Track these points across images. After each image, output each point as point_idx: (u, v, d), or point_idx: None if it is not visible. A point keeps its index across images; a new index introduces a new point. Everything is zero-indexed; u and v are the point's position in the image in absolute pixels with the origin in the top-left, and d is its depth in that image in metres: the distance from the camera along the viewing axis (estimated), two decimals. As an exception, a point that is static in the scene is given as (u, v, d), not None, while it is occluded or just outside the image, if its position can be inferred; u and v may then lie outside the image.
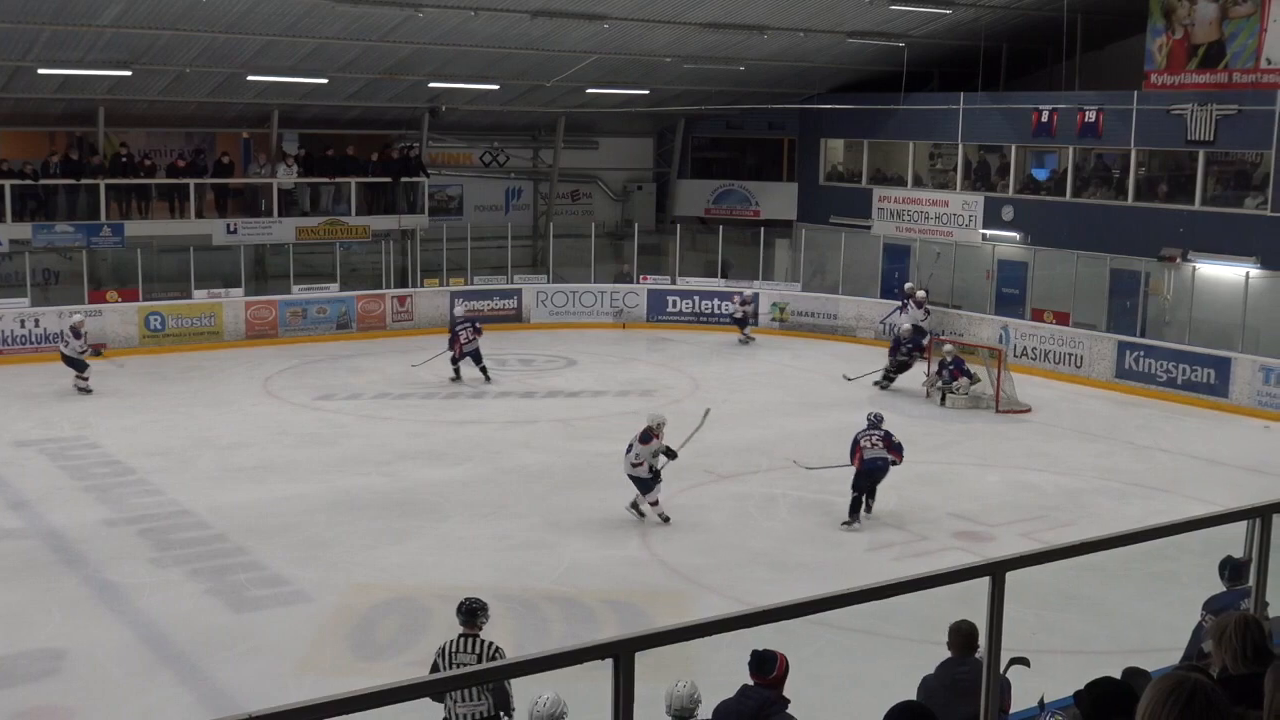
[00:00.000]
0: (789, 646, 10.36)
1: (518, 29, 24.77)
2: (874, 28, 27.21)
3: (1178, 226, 24.70)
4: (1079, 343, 24.81)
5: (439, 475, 17.45)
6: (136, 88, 25.56)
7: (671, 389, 23.41)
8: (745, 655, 9.03)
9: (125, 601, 12.74)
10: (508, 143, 33.05)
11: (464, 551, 14.38)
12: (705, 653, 9.53)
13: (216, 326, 26.84)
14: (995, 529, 15.32)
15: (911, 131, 30.19)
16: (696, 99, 31.74)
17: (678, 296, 30.23)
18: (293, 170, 28.44)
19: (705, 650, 10.05)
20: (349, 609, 12.64)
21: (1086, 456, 19.22)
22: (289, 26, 23.49)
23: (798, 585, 12.56)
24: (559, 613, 12.63)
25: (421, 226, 29.85)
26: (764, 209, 33.36)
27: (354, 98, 28.48)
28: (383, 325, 28.56)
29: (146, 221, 26.84)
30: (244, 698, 10.44)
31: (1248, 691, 3.12)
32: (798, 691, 7.38)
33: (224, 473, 17.36)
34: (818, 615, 3.78)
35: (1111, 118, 25.86)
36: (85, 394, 21.84)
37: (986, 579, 4.17)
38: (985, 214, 28.43)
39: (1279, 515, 5.13)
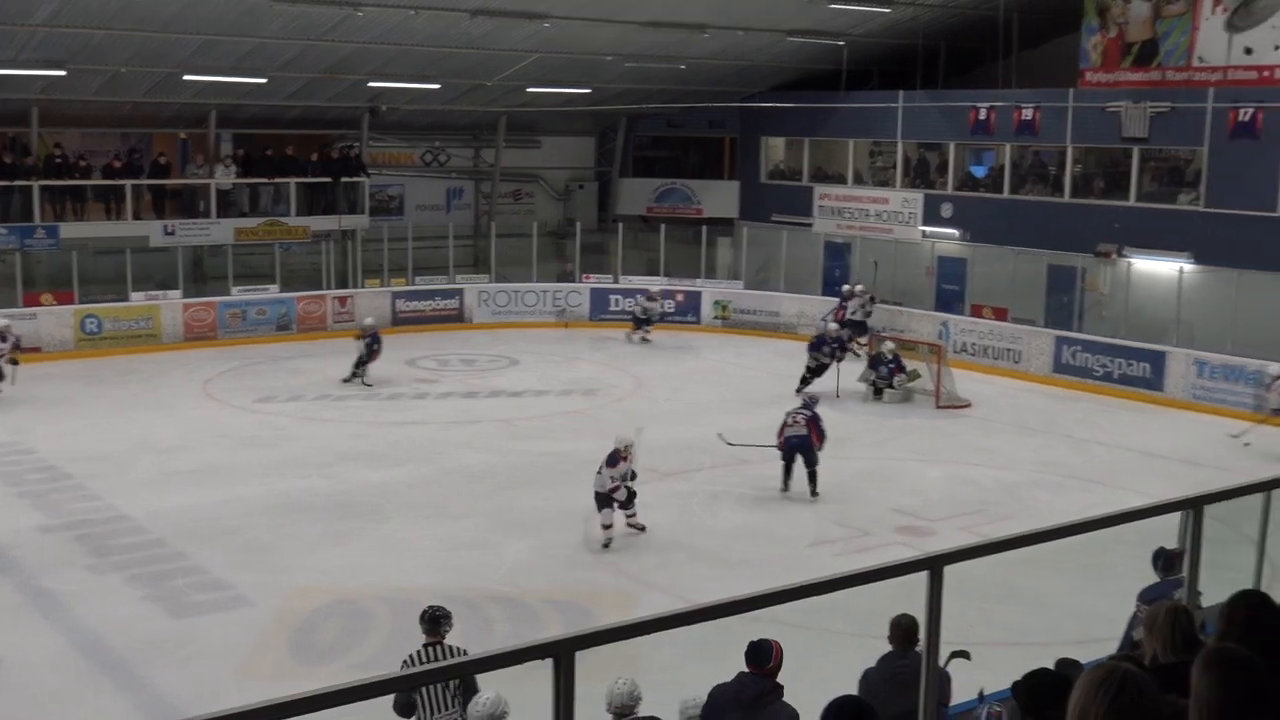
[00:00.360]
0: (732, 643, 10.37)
1: (458, 28, 24.68)
2: (814, 26, 27.36)
3: (1113, 223, 25.03)
4: (1017, 338, 25.08)
5: (381, 477, 17.35)
6: (71, 88, 25.20)
7: (614, 388, 23.42)
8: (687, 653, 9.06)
9: (62, 609, 12.57)
10: (449, 142, 32.91)
11: (406, 553, 14.31)
12: (647, 651, 9.55)
13: (154, 329, 26.54)
14: (936, 523, 15.46)
15: (851, 130, 30.37)
16: (638, 98, 31.77)
17: (620, 295, 30.23)
18: (231, 171, 28.16)
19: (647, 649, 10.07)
20: (290, 613, 12.54)
21: (1025, 450, 19.43)
22: (227, 26, 23.26)
23: (740, 582, 12.58)
24: (502, 613, 12.60)
25: (362, 227, 29.67)
26: (706, 207, 33.44)
27: (293, 97, 28.25)
28: (324, 326, 28.35)
29: (82, 223, 26.49)
30: (184, 704, 10.32)
31: (1177, 680, 3.17)
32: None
33: (163, 477, 17.17)
34: (760, 611, 3.79)
35: (1048, 115, 26.15)
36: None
37: (925, 573, 4.21)
38: (925, 211, 28.66)
39: (1211, 507, 5.22)
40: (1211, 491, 5.33)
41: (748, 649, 7.16)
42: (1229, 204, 23.21)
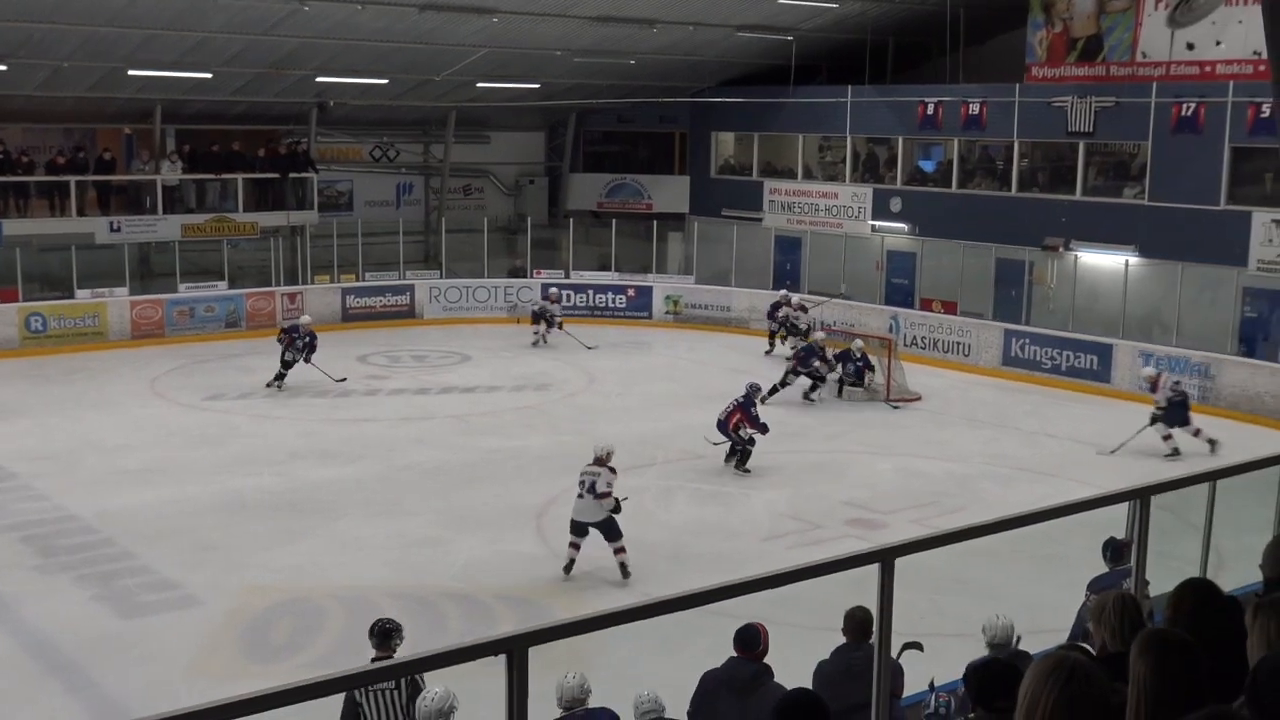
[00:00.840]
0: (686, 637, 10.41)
1: (406, 22, 24.54)
2: (763, 21, 27.42)
3: (1060, 216, 25.27)
4: (967, 331, 25.28)
5: (332, 474, 17.26)
6: (12, 82, 24.85)
7: (567, 383, 23.41)
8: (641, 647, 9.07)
9: (9, 610, 12.42)
10: (398, 137, 32.73)
11: (359, 550, 14.25)
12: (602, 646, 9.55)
13: (101, 327, 26.25)
14: (887, 516, 15.56)
15: (801, 124, 30.48)
16: (588, 93, 31.73)
17: (571, 290, 30.20)
18: (177, 167, 27.89)
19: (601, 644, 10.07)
20: (242, 611, 12.45)
21: (975, 443, 19.59)
22: (171, 20, 23.01)
23: (694, 576, 12.59)
24: (456, 609, 12.57)
25: (311, 223, 29.47)
26: (656, 202, 33.45)
27: (240, 93, 28.00)
28: (273, 323, 28.08)
29: (26, 220, 26.13)
30: (134, 705, 10.23)
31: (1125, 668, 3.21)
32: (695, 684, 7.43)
33: (110, 476, 17.00)
34: (713, 605, 3.81)
35: (994, 110, 26.36)
36: None
37: (877, 565, 4.24)
38: (874, 205, 28.80)
39: (1158, 497, 5.29)
40: (1158, 482, 5.41)
41: (736, 636, 7.32)
42: (1173, 198, 23.48)
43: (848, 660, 7.32)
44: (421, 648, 7.89)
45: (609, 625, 3.61)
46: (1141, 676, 3.06)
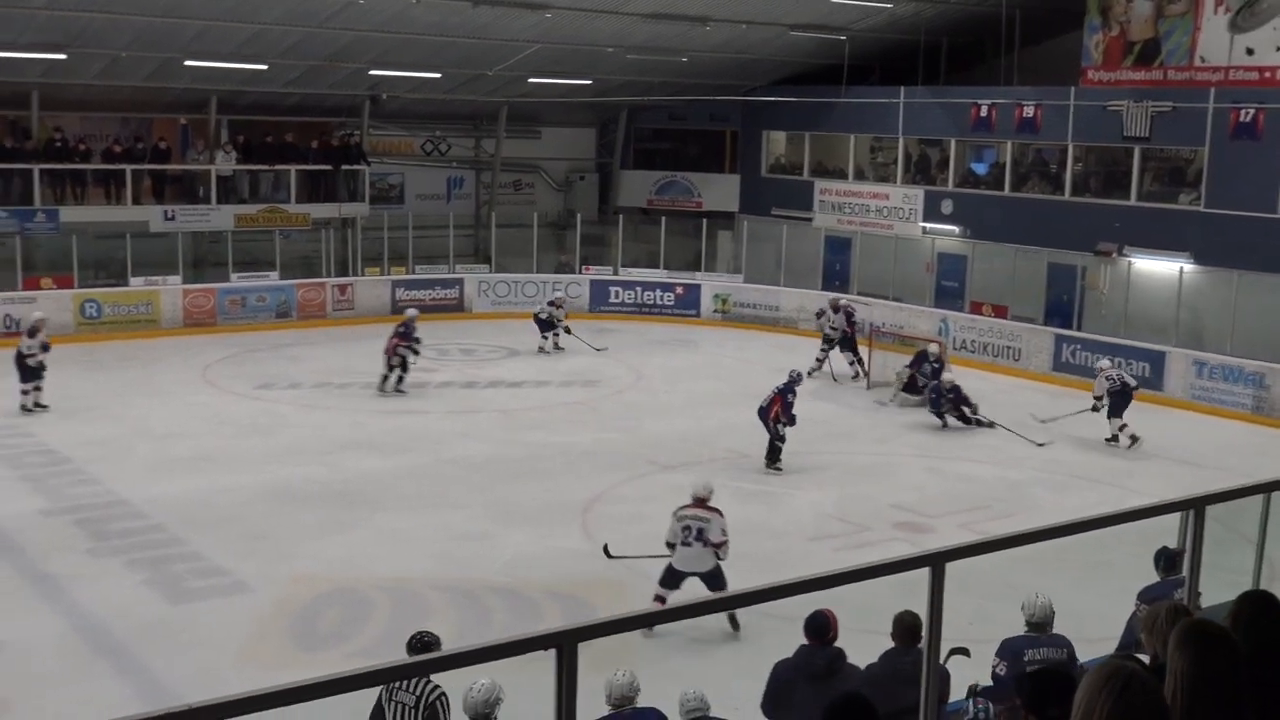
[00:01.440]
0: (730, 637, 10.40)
1: (459, 17, 24.64)
2: (816, 21, 27.33)
3: (1114, 221, 25.03)
4: (1017, 336, 25.09)
5: (380, 466, 17.36)
6: (71, 71, 25.15)
7: (614, 380, 23.43)
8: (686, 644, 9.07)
9: (62, 592, 12.58)
10: (449, 131, 32.87)
11: (405, 542, 14.32)
12: (647, 643, 9.56)
13: (154, 314, 26.53)
14: (935, 520, 15.47)
15: (852, 124, 30.35)
16: (639, 90, 31.73)
17: (620, 287, 30.24)
18: (231, 157, 28.13)
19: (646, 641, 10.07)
20: (289, 600, 12.55)
21: (1025, 448, 19.43)
22: (228, 11, 23.23)
23: (738, 576, 12.58)
24: (501, 603, 12.62)
25: (362, 215, 29.65)
26: (706, 200, 33.42)
27: (294, 84, 28.20)
28: (323, 314, 28.35)
29: (82, 207, 26.47)
30: (183, 689, 10.33)
31: (1179, 679, 3.18)
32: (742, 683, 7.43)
33: (161, 463, 17.17)
34: (760, 605, 3.81)
35: (1049, 113, 26.15)
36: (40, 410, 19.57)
37: (926, 570, 4.22)
38: (925, 207, 28.65)
39: (1212, 507, 5.23)
40: (1214, 492, 5.35)
41: (807, 624, 7.42)
42: (1229, 205, 23.20)
43: (896, 665, 7.29)
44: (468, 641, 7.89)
45: (658, 623, 3.61)
46: (1180, 667, 3.06)
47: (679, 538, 11.86)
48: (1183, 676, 3.07)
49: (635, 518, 15.40)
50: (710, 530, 11.87)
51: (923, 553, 4.23)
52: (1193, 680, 3.06)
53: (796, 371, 18.48)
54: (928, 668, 4.47)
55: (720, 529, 11.92)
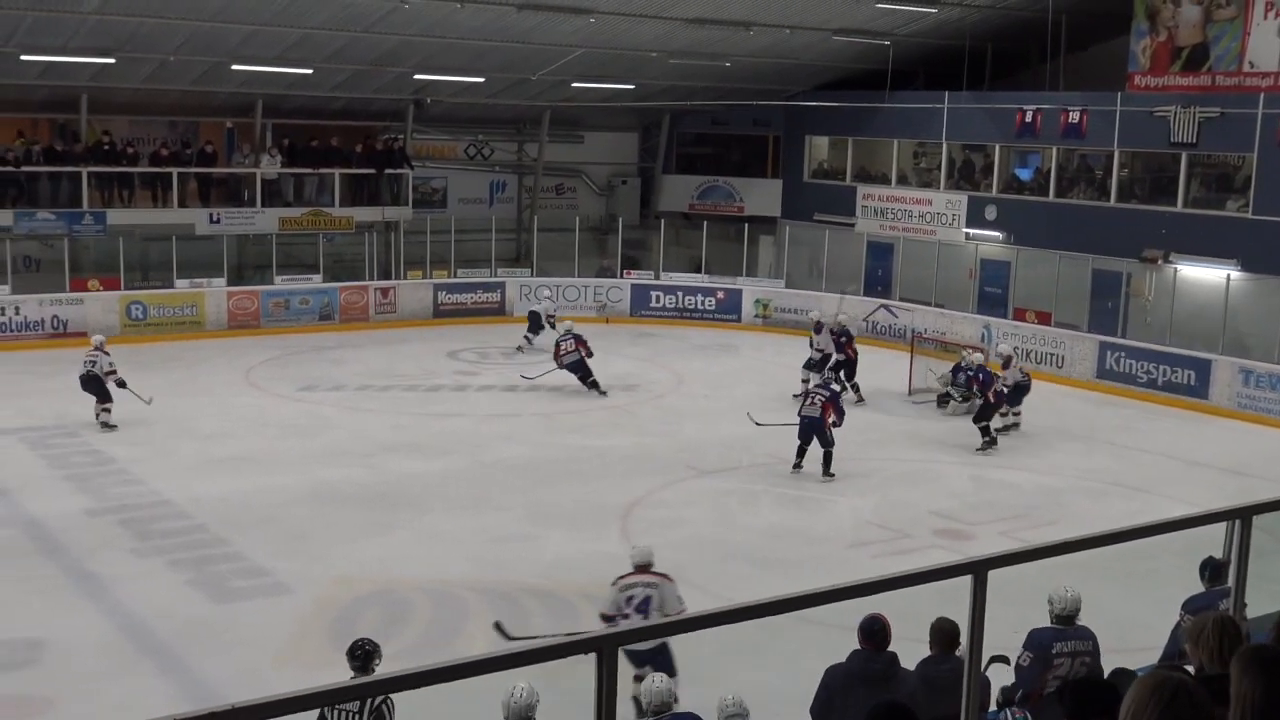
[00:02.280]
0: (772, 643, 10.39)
1: (504, 22, 24.73)
2: (860, 26, 27.25)
3: (1160, 228, 24.81)
4: (1060, 343, 24.90)
5: (421, 468, 17.43)
6: (120, 75, 25.43)
7: (655, 384, 23.43)
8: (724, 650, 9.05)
9: (106, 591, 12.70)
10: (492, 136, 32.99)
11: (444, 544, 14.37)
12: (685, 648, 9.54)
13: (198, 316, 26.76)
14: (975, 527, 15.38)
15: (896, 130, 30.25)
16: (682, 94, 31.74)
17: (661, 291, 30.25)
18: (276, 160, 28.35)
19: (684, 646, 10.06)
20: (330, 601, 12.62)
21: (1066, 456, 19.30)
22: (274, 16, 23.41)
23: (778, 581, 12.58)
24: (540, 606, 12.63)
25: (405, 218, 29.80)
26: (748, 205, 33.38)
27: (339, 89, 28.39)
28: (365, 317, 28.50)
29: (129, 210, 26.74)
30: (224, 689, 10.41)
31: (1223, 691, 3.15)
32: (780, 688, 7.40)
33: (205, 463, 17.31)
34: (800, 611, 3.79)
35: (1095, 119, 25.95)
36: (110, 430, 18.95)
37: (968, 577, 4.19)
38: (969, 213, 28.50)
39: (1259, 517, 5.17)
40: (1261, 501, 5.29)
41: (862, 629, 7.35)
42: (1278, 211, 22.95)
43: (933, 672, 7.26)
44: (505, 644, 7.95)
45: (697, 628, 3.61)
46: (1246, 691, 3.01)
47: (619, 610, 10.04)
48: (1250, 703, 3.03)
49: (675, 522, 15.42)
50: (665, 600, 10.04)
51: (965, 560, 4.21)
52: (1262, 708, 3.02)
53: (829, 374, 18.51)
54: (969, 676, 4.45)
55: (677, 596, 10.11)
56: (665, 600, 10.02)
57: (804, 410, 17.31)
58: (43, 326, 24.87)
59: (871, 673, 7.29)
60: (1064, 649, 7.56)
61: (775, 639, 11.36)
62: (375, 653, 8.39)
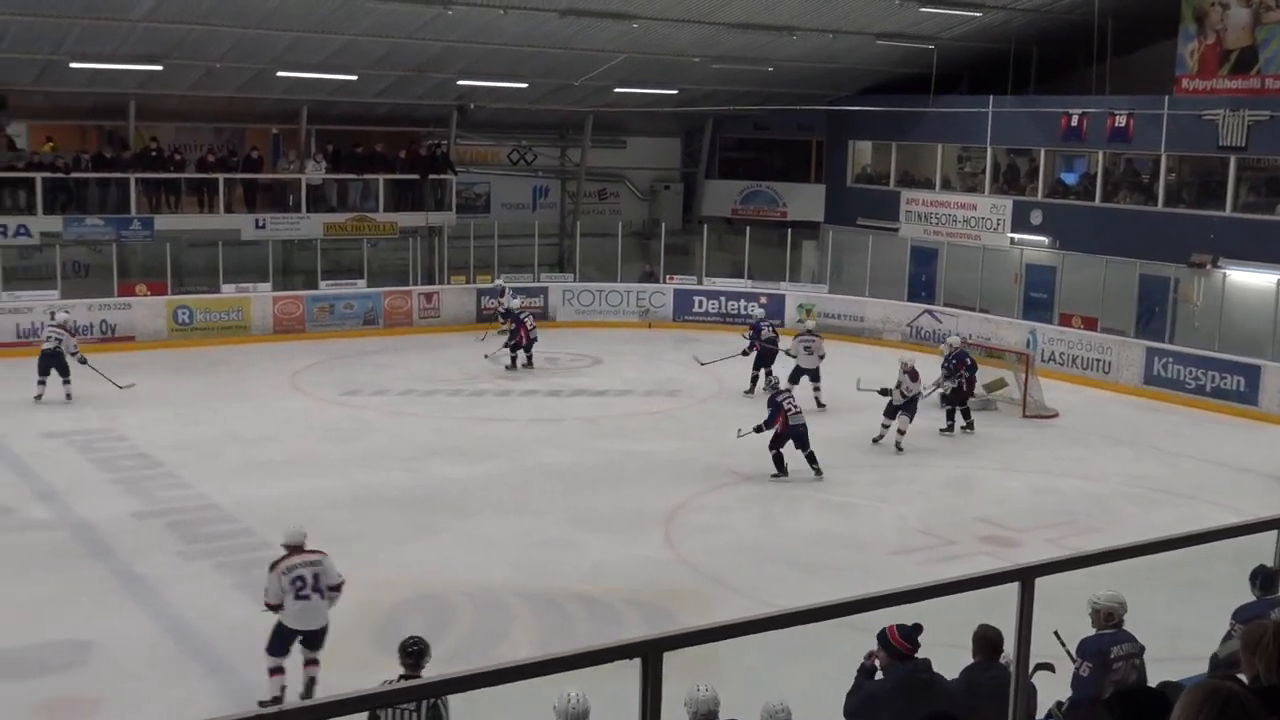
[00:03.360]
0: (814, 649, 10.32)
1: (547, 27, 24.80)
2: (903, 29, 27.14)
3: (1208, 232, 24.56)
4: (1107, 348, 24.68)
5: (463, 472, 17.47)
6: (167, 82, 25.68)
7: (697, 389, 23.39)
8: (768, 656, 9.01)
9: (153, 594, 12.81)
10: (535, 141, 33.10)
11: (488, 549, 14.40)
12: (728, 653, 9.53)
13: (244, 321, 26.96)
14: (1021, 534, 15.27)
15: (940, 134, 30.10)
16: (725, 99, 31.71)
17: (704, 296, 30.23)
18: (321, 166, 28.54)
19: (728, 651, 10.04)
20: (373, 605, 12.65)
21: (1113, 462, 19.13)
22: (319, 22, 23.57)
23: (821, 587, 12.52)
24: (583, 611, 12.64)
25: (449, 223, 29.92)
26: (791, 210, 33.31)
27: (383, 95, 28.56)
28: (409, 322, 28.64)
29: (176, 215, 26.98)
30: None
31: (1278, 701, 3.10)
32: (825, 695, 7.37)
33: (250, 467, 17.42)
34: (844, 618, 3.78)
35: (1142, 122, 25.73)
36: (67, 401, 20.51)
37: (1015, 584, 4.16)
38: (1014, 217, 28.33)
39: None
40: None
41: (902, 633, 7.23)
42: (1329, 215, 22.71)
43: (977, 680, 7.20)
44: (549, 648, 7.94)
45: (743, 634, 3.59)
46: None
47: (289, 592, 10.32)
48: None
49: (717, 527, 15.40)
50: (327, 573, 10.52)
51: (1012, 567, 4.17)
52: None
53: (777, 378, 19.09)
54: (1015, 684, 4.41)
55: (335, 570, 10.60)
56: (327, 574, 10.50)
57: (794, 420, 17.29)
58: (91, 331, 25.11)
59: (919, 679, 7.26)
60: (1120, 652, 7.50)
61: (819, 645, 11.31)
62: (426, 651, 8.50)
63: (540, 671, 3.22)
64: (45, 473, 16.92)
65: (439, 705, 7.67)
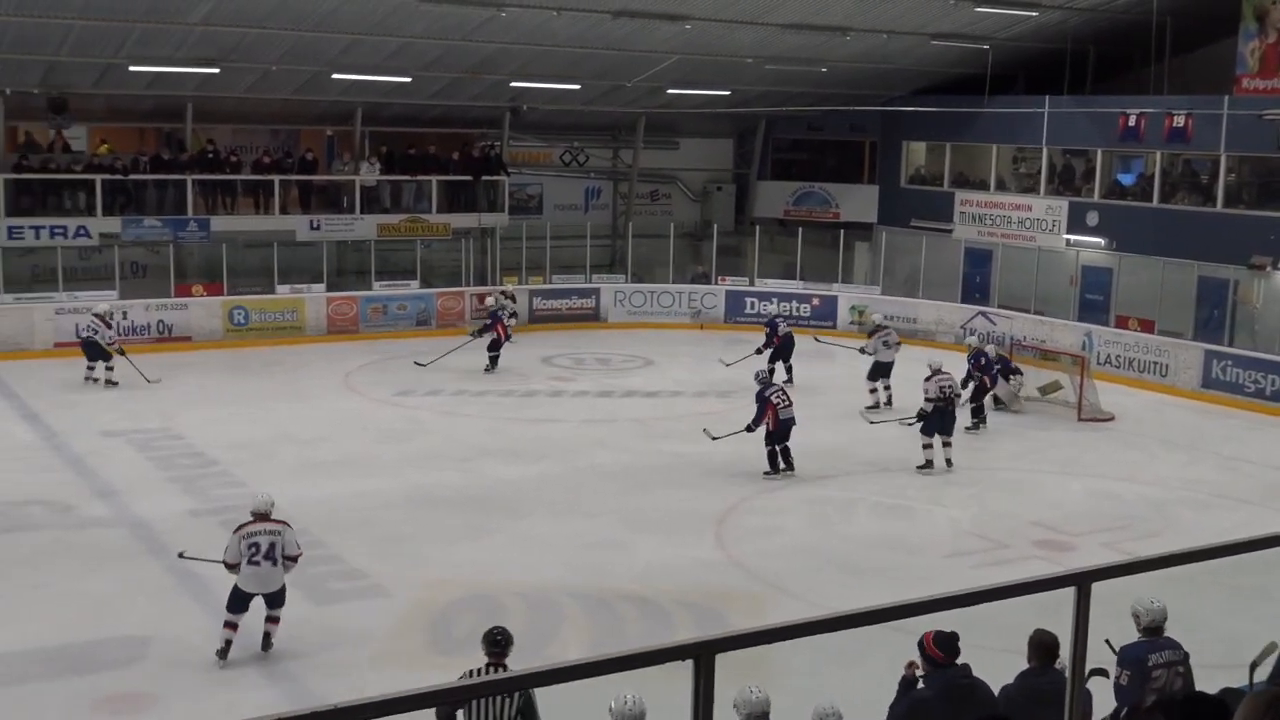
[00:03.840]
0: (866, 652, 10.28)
1: (599, 29, 24.85)
2: (958, 30, 26.97)
3: (1269, 234, 24.22)
4: (1164, 351, 24.40)
5: (516, 473, 17.53)
6: (224, 85, 25.95)
7: (749, 391, 23.29)
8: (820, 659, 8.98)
9: (208, 592, 12.89)
10: (588, 142, 33.16)
11: (540, 549, 14.43)
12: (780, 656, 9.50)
13: (299, 321, 27.18)
14: (1077, 538, 15.14)
15: (995, 134, 29.88)
16: (777, 100, 31.63)
17: (755, 298, 30.16)
18: (375, 168, 28.73)
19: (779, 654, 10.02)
20: (426, 604, 12.74)
21: (1170, 466, 18.92)
22: (374, 25, 23.73)
23: (874, 590, 12.47)
24: (635, 612, 12.65)
25: (501, 225, 30.03)
26: (844, 211, 33.18)
27: (436, 96, 28.72)
28: (462, 322, 28.75)
29: (232, 216, 27.25)
30: (323, 689, 10.57)
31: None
32: (877, 698, 7.34)
33: (305, 466, 17.56)
34: (897, 621, 3.75)
35: (1201, 123, 25.42)
36: (112, 387, 21.79)
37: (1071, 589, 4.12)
38: (1069, 219, 28.07)
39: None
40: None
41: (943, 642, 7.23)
42: (1393, 216, 22.34)
43: (1033, 685, 7.14)
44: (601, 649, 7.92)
45: (796, 636, 3.57)
46: None
47: (245, 556, 11.14)
48: None
49: (770, 530, 15.37)
50: (286, 544, 11.29)
51: (1068, 572, 4.13)
52: None
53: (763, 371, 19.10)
54: (1072, 689, 4.37)
55: (295, 542, 11.41)
56: (286, 544, 11.29)
57: (785, 414, 17.46)
58: (149, 331, 25.44)
59: (962, 688, 7.22)
60: (1159, 660, 7.40)
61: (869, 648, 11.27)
62: (509, 641, 8.55)
63: (592, 672, 3.22)
64: (104, 471, 17.15)
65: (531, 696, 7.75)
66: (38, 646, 11.47)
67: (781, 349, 23.54)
